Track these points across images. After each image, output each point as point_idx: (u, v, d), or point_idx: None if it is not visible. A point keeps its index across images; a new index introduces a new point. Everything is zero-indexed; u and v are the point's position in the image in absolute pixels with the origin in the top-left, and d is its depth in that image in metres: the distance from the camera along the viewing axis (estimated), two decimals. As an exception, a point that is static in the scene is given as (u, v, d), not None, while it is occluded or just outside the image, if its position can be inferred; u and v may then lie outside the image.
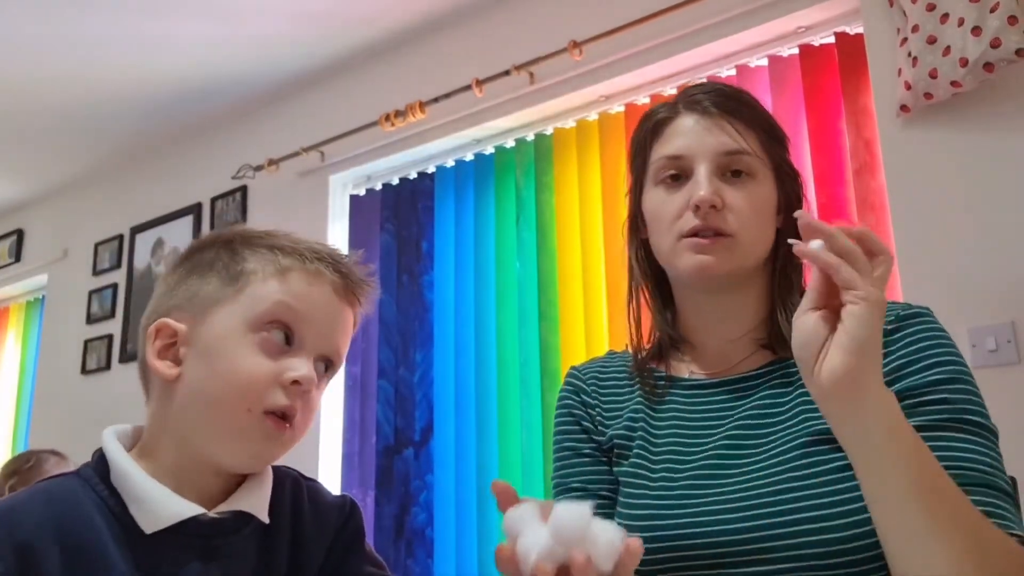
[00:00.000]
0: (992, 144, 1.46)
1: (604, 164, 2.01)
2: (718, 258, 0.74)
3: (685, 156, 0.77)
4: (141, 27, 2.28)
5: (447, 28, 2.30)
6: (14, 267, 3.41)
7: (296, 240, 0.67)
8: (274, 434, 0.61)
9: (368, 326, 2.37)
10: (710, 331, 0.80)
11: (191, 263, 0.67)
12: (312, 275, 0.65)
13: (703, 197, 0.74)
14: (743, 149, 0.76)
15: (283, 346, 0.63)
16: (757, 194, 0.76)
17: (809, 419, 0.71)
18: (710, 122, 0.77)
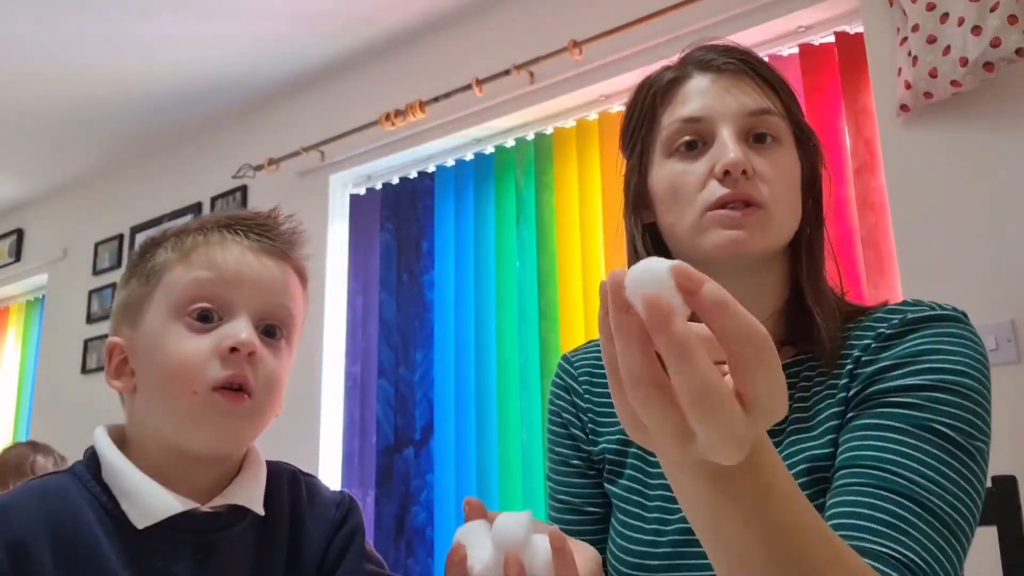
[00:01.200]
0: (992, 143, 1.47)
1: (604, 163, 2.01)
2: (752, 233, 0.64)
3: (705, 118, 0.66)
4: (141, 27, 2.28)
5: (447, 28, 2.30)
6: (14, 266, 3.41)
7: (207, 218, 0.67)
8: (230, 408, 0.59)
9: (368, 326, 2.37)
10: None
11: (126, 272, 0.68)
12: (215, 244, 0.64)
13: (733, 160, 0.63)
14: (768, 108, 0.66)
15: (212, 322, 0.61)
16: (785, 161, 0.67)
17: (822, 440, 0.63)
18: (729, 80, 0.67)
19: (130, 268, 0.67)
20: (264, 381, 0.61)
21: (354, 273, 2.44)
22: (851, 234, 1.65)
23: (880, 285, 1.59)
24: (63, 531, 0.57)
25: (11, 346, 3.48)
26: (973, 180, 1.47)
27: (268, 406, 0.62)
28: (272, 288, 0.64)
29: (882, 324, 0.65)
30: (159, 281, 0.63)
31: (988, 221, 1.45)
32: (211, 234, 0.64)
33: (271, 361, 0.62)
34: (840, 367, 0.65)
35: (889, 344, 0.63)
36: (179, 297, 0.62)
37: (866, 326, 0.66)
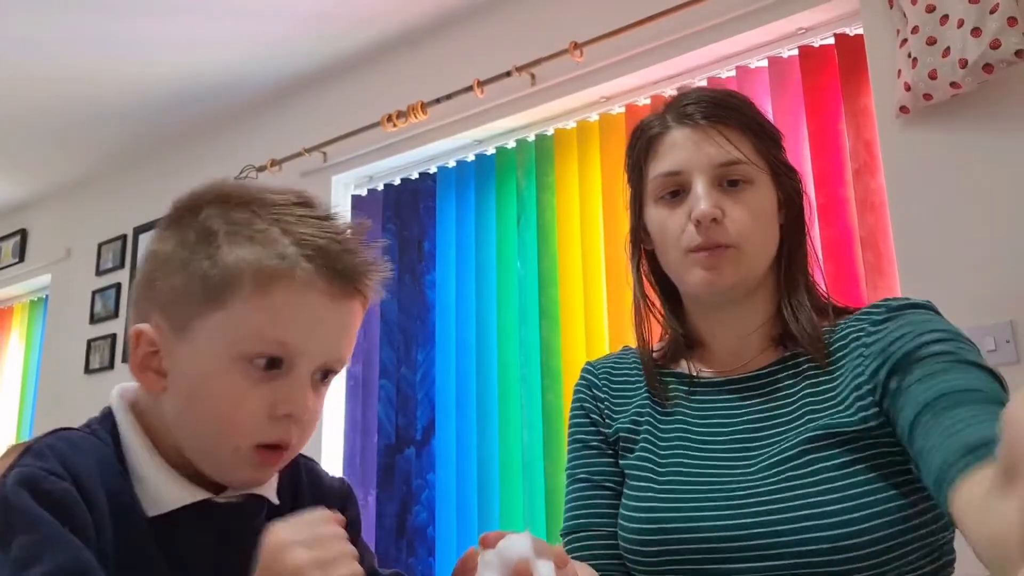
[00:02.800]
0: (991, 145, 1.47)
1: (605, 165, 2.01)
2: (725, 271, 0.75)
3: (681, 171, 0.77)
4: (144, 28, 2.29)
5: (448, 29, 2.31)
6: (18, 267, 3.42)
7: (287, 218, 0.58)
8: (266, 465, 0.58)
9: (370, 326, 2.38)
10: (720, 334, 0.81)
11: (172, 242, 0.59)
12: (302, 285, 0.56)
13: (703, 211, 0.74)
14: (737, 159, 0.76)
15: (273, 371, 0.57)
16: (756, 200, 0.76)
17: (811, 417, 0.71)
18: (701, 134, 0.77)
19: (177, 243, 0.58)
20: (306, 431, 0.59)
21: (356, 273, 2.45)
22: (850, 235, 1.66)
23: (879, 286, 1.59)
24: (114, 495, 0.55)
25: (15, 346, 3.49)
26: (972, 181, 1.48)
27: (299, 451, 0.61)
28: (340, 338, 0.60)
29: (870, 315, 0.74)
30: (227, 300, 0.56)
31: (987, 222, 1.45)
32: (297, 267, 0.56)
33: (316, 409, 0.60)
34: (836, 357, 0.74)
35: (886, 324, 0.71)
36: (249, 348, 0.56)
37: (855, 319, 0.75)
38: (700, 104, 0.78)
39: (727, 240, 0.74)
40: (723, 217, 0.74)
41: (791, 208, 0.80)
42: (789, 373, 0.76)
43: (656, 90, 1.96)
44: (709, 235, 0.74)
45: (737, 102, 0.79)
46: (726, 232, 0.74)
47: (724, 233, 0.74)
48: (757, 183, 0.77)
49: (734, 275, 0.75)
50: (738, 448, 0.74)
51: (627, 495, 0.78)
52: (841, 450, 0.68)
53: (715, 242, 0.74)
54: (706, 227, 0.74)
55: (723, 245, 0.74)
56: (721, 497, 0.71)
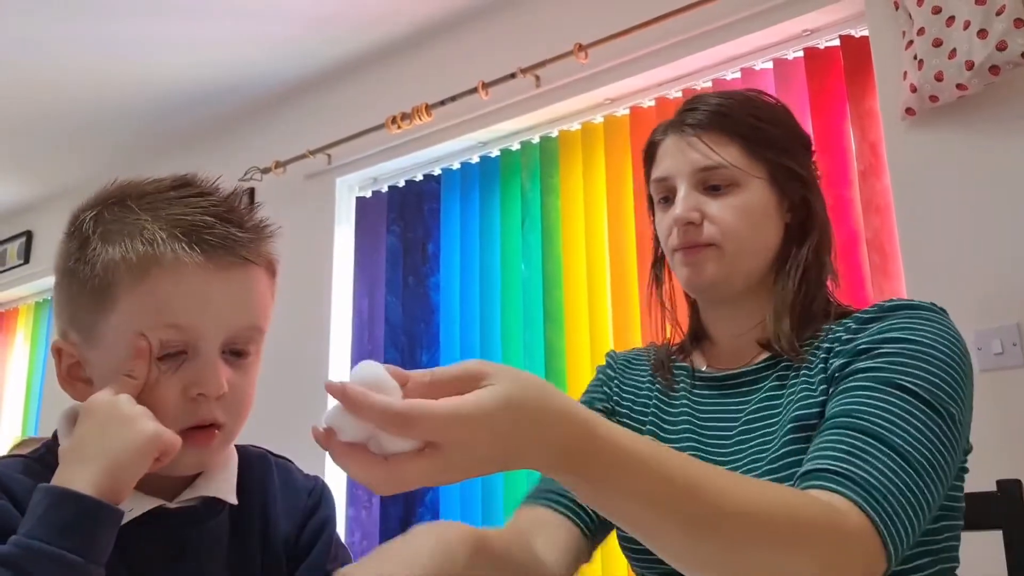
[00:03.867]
0: (997, 146, 1.46)
1: (609, 167, 2.01)
2: (705, 268, 0.78)
3: (668, 177, 0.81)
4: (149, 30, 2.30)
5: (453, 31, 2.31)
6: (23, 268, 3.43)
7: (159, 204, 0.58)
8: (203, 445, 0.58)
9: (374, 328, 2.38)
10: (721, 331, 0.83)
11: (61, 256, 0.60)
12: (174, 267, 0.56)
13: (676, 215, 0.78)
14: (716, 164, 0.78)
15: (178, 358, 0.57)
16: (743, 202, 0.78)
17: (796, 414, 0.71)
18: (684, 141, 0.80)
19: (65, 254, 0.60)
20: (233, 407, 0.59)
21: (360, 275, 2.45)
22: (856, 237, 1.65)
23: (885, 288, 1.59)
24: None
25: (20, 347, 3.50)
26: (978, 183, 1.47)
27: (238, 427, 0.61)
28: (240, 311, 0.59)
29: (863, 315, 0.74)
30: (112, 301, 0.57)
31: (994, 224, 1.45)
32: (166, 249, 0.56)
33: (240, 384, 0.59)
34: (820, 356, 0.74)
35: (866, 326, 0.72)
36: (142, 347, 0.56)
37: (851, 319, 0.75)
38: (695, 112, 0.81)
39: (703, 240, 0.78)
40: (700, 220, 0.78)
41: (799, 212, 0.81)
42: (779, 371, 0.77)
43: (661, 92, 1.96)
44: (686, 236, 0.78)
45: (736, 108, 0.81)
46: (701, 233, 0.78)
47: (698, 234, 0.78)
48: (745, 186, 0.79)
49: (715, 272, 0.78)
50: (735, 444, 0.76)
51: None
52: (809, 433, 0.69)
53: (692, 242, 0.78)
54: (682, 229, 0.78)
55: (701, 244, 0.78)
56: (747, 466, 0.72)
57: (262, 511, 0.64)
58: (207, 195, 0.61)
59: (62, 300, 0.61)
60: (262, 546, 0.63)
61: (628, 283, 1.91)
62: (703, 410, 0.80)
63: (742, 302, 0.80)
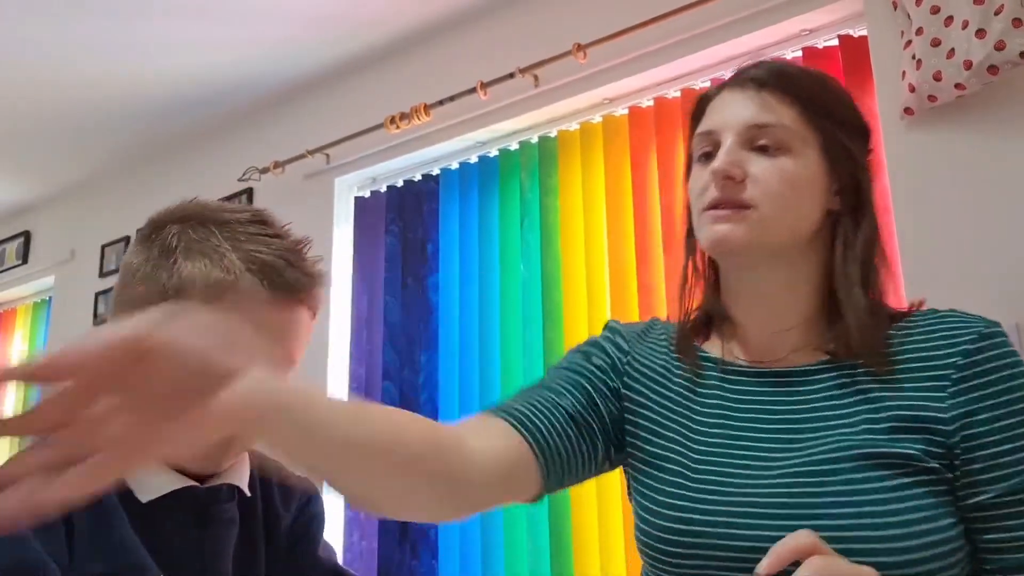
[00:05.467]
0: (996, 146, 1.46)
1: (608, 166, 2.01)
2: (735, 228, 0.70)
3: (715, 131, 0.74)
4: (147, 30, 2.30)
5: (452, 31, 2.31)
6: (21, 269, 3.43)
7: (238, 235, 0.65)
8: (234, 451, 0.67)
9: (373, 328, 2.38)
10: (752, 316, 0.76)
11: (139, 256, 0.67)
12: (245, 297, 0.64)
13: (715, 167, 0.71)
14: (769, 122, 0.72)
15: None
16: (790, 168, 0.71)
17: (871, 436, 0.66)
18: (742, 95, 0.74)
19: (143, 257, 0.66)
20: None
21: (359, 275, 2.45)
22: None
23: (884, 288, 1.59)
24: None
25: (18, 348, 3.50)
26: (977, 183, 1.47)
27: None
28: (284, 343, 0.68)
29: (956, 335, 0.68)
30: None
31: (992, 224, 1.45)
32: (242, 279, 0.64)
33: None
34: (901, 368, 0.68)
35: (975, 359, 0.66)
36: None
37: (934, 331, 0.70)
38: (760, 69, 0.75)
39: (741, 198, 0.70)
40: (742, 177, 0.71)
41: (849, 196, 0.74)
42: (838, 377, 0.70)
43: (659, 92, 1.96)
44: (724, 191, 0.71)
45: (801, 73, 0.75)
46: (742, 191, 0.70)
47: (739, 191, 0.70)
48: (797, 153, 0.72)
49: (745, 235, 0.70)
50: (780, 446, 0.69)
51: (651, 485, 0.72)
52: (894, 471, 0.63)
53: (728, 198, 0.70)
54: (720, 183, 0.71)
55: (738, 204, 0.70)
56: (763, 503, 0.66)
57: (265, 504, 0.72)
58: (280, 237, 0.69)
59: (128, 294, 0.66)
60: (265, 534, 0.71)
61: (627, 283, 1.91)
62: (740, 405, 0.73)
63: (774, 282, 0.73)
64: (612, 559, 1.77)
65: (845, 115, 0.75)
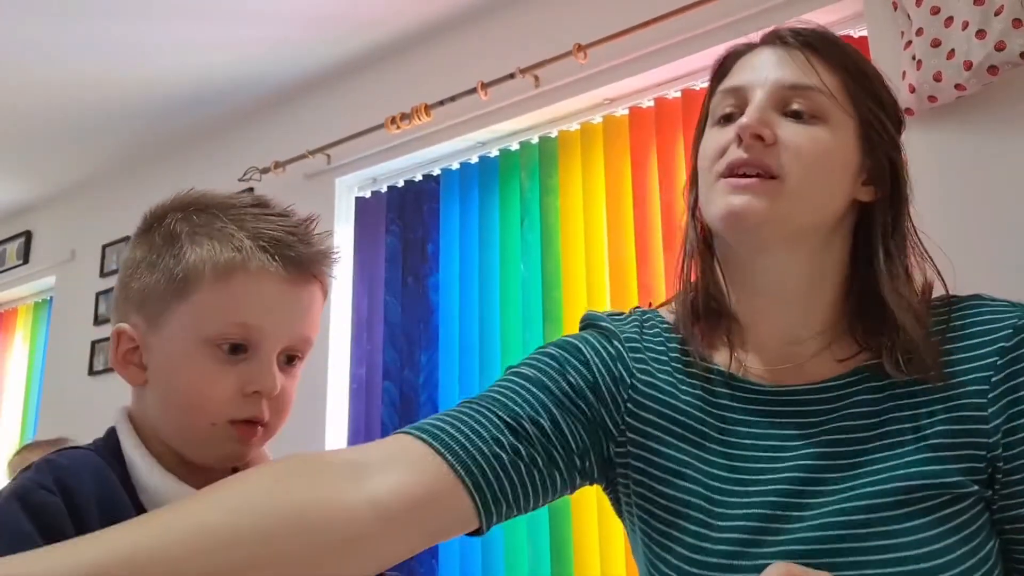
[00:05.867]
0: (996, 146, 1.47)
1: (608, 167, 2.01)
2: (754, 202, 0.59)
3: (742, 87, 0.64)
4: (148, 31, 2.30)
5: (452, 32, 2.31)
6: (22, 268, 3.43)
7: (244, 217, 0.64)
8: (243, 439, 0.63)
9: (373, 328, 2.38)
10: (765, 316, 0.65)
11: (142, 249, 0.66)
12: (257, 275, 0.62)
13: (744, 123, 0.60)
14: (809, 85, 0.62)
15: (240, 354, 0.62)
16: (825, 139, 0.61)
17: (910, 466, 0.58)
18: (782, 53, 0.64)
19: (147, 247, 0.65)
20: (278, 409, 0.64)
21: (359, 275, 2.45)
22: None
23: (884, 288, 1.59)
24: (108, 507, 0.59)
25: (19, 348, 3.50)
26: (978, 183, 1.47)
27: (278, 427, 0.65)
28: (301, 322, 0.65)
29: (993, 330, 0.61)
30: (191, 292, 0.62)
31: (993, 224, 1.45)
32: (251, 258, 0.62)
33: (287, 387, 0.65)
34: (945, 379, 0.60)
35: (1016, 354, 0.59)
36: (213, 331, 0.61)
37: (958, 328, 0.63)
38: (800, 30, 0.66)
39: (770, 164, 0.60)
40: (773, 141, 0.60)
41: (884, 186, 0.65)
42: (869, 386, 0.61)
43: (659, 92, 1.96)
44: (748, 152, 0.60)
45: (846, 45, 0.66)
46: (772, 156, 0.60)
47: (769, 155, 0.60)
48: (833, 125, 0.62)
49: (767, 210, 0.59)
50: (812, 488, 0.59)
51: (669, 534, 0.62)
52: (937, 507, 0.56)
53: (755, 162, 0.59)
54: (748, 143, 0.60)
55: (764, 174, 0.60)
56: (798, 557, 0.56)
57: None
58: (285, 216, 0.67)
59: (133, 287, 0.65)
60: None
61: (627, 283, 1.91)
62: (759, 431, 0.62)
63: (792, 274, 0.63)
64: (612, 561, 1.77)
65: (886, 98, 0.67)
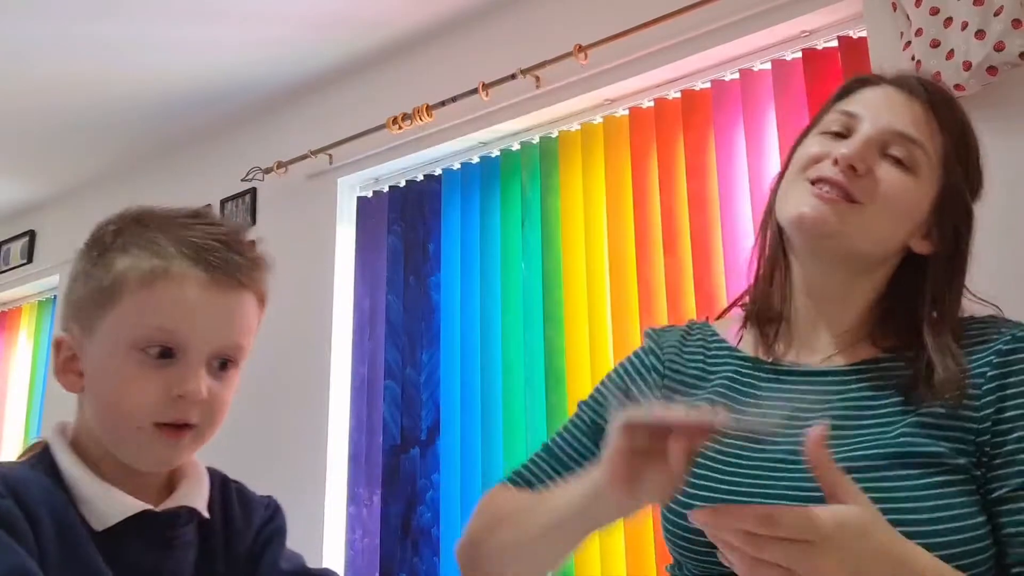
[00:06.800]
0: (995, 147, 1.45)
1: (608, 167, 2.02)
2: (831, 215, 0.68)
3: (858, 116, 0.71)
4: (151, 31, 2.31)
5: (454, 32, 2.32)
6: (26, 268, 3.45)
7: (172, 227, 0.65)
8: (171, 442, 0.64)
9: (375, 327, 2.39)
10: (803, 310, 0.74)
11: (80, 262, 0.68)
12: (179, 280, 0.63)
13: (845, 154, 0.68)
14: (913, 138, 0.69)
15: (166, 358, 0.63)
16: (910, 188, 0.69)
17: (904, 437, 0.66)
18: (905, 99, 0.71)
19: (85, 260, 0.67)
20: (208, 413, 0.65)
21: (361, 275, 2.46)
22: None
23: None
24: (57, 515, 0.60)
25: (23, 346, 3.52)
26: (976, 184, 1.48)
27: (209, 432, 0.67)
28: (229, 327, 0.66)
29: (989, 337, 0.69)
30: (118, 300, 0.64)
31: (991, 224, 1.44)
32: (174, 263, 0.63)
33: (218, 392, 0.66)
34: None
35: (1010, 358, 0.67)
36: (137, 334, 0.63)
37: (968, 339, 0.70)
38: (926, 83, 0.73)
39: (854, 193, 0.68)
40: (866, 172, 0.68)
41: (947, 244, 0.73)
42: (877, 374, 0.70)
43: (660, 92, 1.97)
44: (841, 176, 0.68)
45: (962, 113, 0.74)
46: (859, 186, 0.68)
47: (856, 185, 0.68)
48: (921, 178, 0.70)
49: (839, 227, 0.68)
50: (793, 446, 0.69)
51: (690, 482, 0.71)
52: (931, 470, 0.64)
53: (843, 186, 0.68)
54: (844, 170, 0.68)
55: (849, 199, 0.68)
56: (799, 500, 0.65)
57: (224, 526, 0.71)
58: (217, 225, 0.68)
59: (71, 298, 0.67)
60: (225, 556, 0.70)
61: (627, 282, 1.92)
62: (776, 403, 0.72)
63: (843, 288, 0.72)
64: (612, 559, 1.78)
65: (975, 170, 0.76)
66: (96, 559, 0.60)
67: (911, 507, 0.63)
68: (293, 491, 0.81)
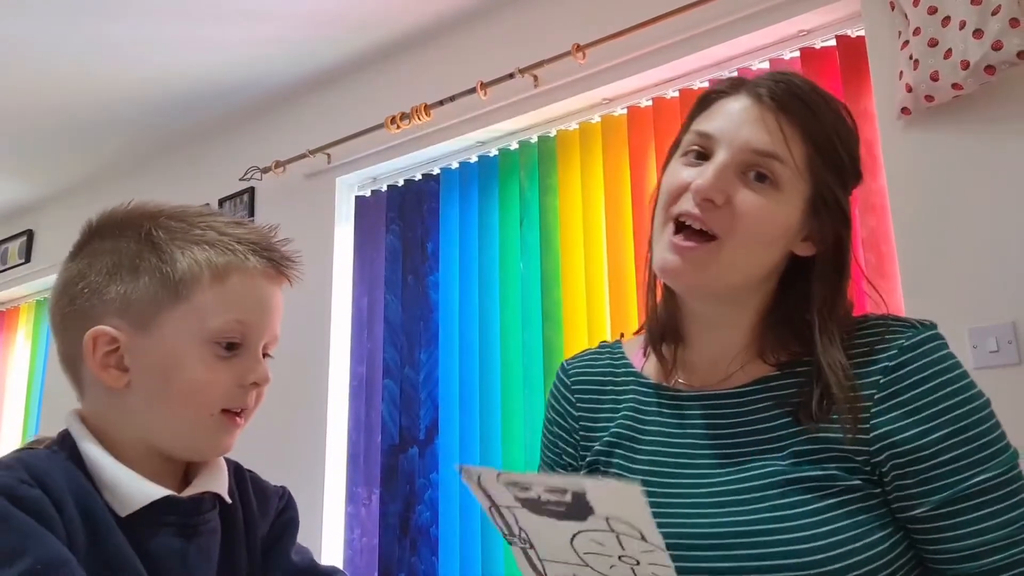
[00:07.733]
0: (993, 146, 1.47)
1: (606, 166, 2.02)
2: (690, 269, 0.68)
3: (714, 137, 0.69)
4: (150, 30, 2.31)
5: (452, 32, 2.32)
6: (24, 267, 3.45)
7: (217, 224, 0.68)
8: (231, 428, 0.67)
9: (374, 326, 2.39)
10: (697, 338, 0.75)
11: (112, 256, 0.67)
12: (252, 275, 0.67)
13: (699, 186, 0.67)
14: (775, 154, 0.67)
15: (234, 350, 0.66)
16: (772, 208, 0.67)
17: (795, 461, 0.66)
18: (758, 112, 0.69)
19: (121, 255, 0.66)
20: (258, 400, 0.69)
21: (360, 274, 2.46)
22: (852, 237, 1.66)
23: (881, 288, 1.59)
24: (82, 501, 0.60)
25: (21, 346, 3.52)
26: (974, 182, 1.48)
27: (252, 416, 0.70)
28: (278, 319, 0.70)
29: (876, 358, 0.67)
30: (187, 298, 0.64)
31: (989, 223, 1.46)
32: (246, 260, 0.67)
33: None
34: None
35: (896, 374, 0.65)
36: (214, 329, 0.65)
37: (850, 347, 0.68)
38: (779, 84, 0.70)
39: (713, 228, 0.67)
40: (723, 203, 0.67)
41: (827, 248, 0.72)
42: (770, 395, 0.70)
43: (657, 92, 1.97)
44: (700, 210, 0.67)
45: (825, 111, 0.70)
46: (716, 220, 0.67)
47: (715, 218, 0.67)
48: (786, 191, 0.68)
49: (699, 276, 0.68)
50: (712, 471, 0.69)
51: None
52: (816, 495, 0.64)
53: (701, 221, 0.67)
54: (699, 203, 0.67)
55: (705, 234, 0.67)
56: (695, 532, 0.66)
57: (244, 512, 0.72)
58: (250, 223, 0.71)
59: (113, 292, 0.65)
60: (246, 542, 0.71)
61: (626, 282, 1.92)
62: (677, 429, 0.72)
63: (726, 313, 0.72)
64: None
65: (847, 164, 0.72)
66: (123, 545, 0.60)
67: (808, 534, 0.62)
68: (292, 490, 0.80)
